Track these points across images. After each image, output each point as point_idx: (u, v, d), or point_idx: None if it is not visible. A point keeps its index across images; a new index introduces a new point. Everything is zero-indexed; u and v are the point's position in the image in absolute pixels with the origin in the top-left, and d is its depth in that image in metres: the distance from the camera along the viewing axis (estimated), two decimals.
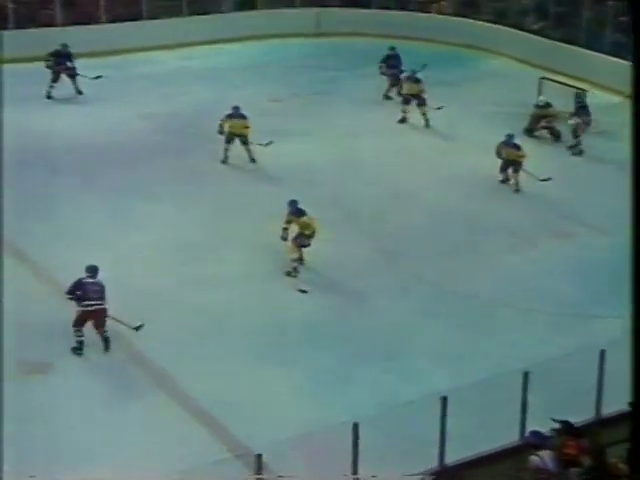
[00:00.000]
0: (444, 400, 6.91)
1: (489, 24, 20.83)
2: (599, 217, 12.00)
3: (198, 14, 20.53)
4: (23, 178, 12.57)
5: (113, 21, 19.05)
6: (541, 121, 15.08)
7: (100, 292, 8.98)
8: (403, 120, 15.48)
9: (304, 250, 10.65)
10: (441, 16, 21.80)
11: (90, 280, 9.01)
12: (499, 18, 21.03)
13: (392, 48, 16.94)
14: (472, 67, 19.18)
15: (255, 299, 10.04)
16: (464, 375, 8.38)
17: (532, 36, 19.78)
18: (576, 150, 14.55)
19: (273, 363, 8.77)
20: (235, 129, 13.78)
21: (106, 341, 9.07)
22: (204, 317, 9.61)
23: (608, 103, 16.91)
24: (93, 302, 8.91)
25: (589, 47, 18.54)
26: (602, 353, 7.44)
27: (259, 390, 8.35)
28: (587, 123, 14.80)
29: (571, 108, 15.26)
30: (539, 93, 16.00)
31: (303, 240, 10.60)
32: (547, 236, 11.63)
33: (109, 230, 11.44)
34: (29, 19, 18.60)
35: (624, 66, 18.29)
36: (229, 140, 13.84)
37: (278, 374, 8.61)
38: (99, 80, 17.05)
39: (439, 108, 15.10)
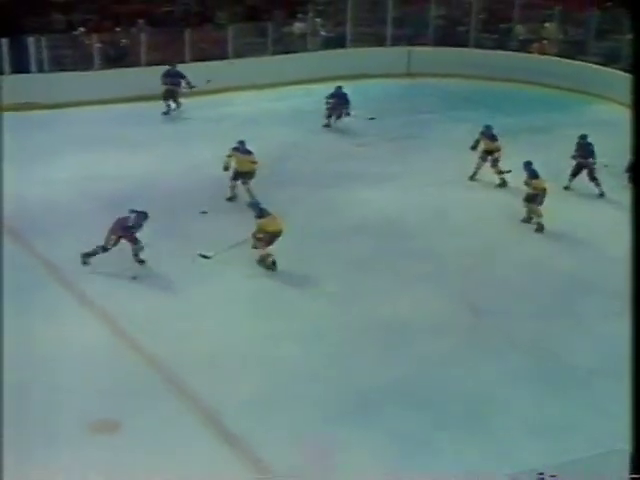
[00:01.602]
0: (541, 477, 6.80)
1: (597, 66, 20.74)
2: None
3: (284, 53, 21.27)
4: (94, 221, 12.97)
5: (198, 60, 19.89)
6: None
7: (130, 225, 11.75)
8: (473, 176, 15.39)
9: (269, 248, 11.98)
10: (543, 57, 21.85)
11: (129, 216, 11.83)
12: (608, 60, 20.91)
13: (339, 87, 17.76)
14: (576, 113, 19.03)
15: (329, 356, 10.14)
16: (558, 450, 8.23)
17: None
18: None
19: (348, 426, 8.79)
20: (242, 166, 14.05)
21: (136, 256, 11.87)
22: (276, 374, 9.76)
23: None
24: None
25: None
26: None
27: (334, 455, 8.34)
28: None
29: None
30: None
31: (255, 242, 12.02)
32: None
33: (182, 278, 11.76)
34: (115, 59, 19.66)
35: None
36: (235, 177, 14.15)
37: (354, 438, 8.62)
38: (179, 122, 17.91)
39: (507, 172, 15.03)
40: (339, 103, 17.71)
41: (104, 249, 11.77)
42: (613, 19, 20.85)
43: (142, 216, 11.99)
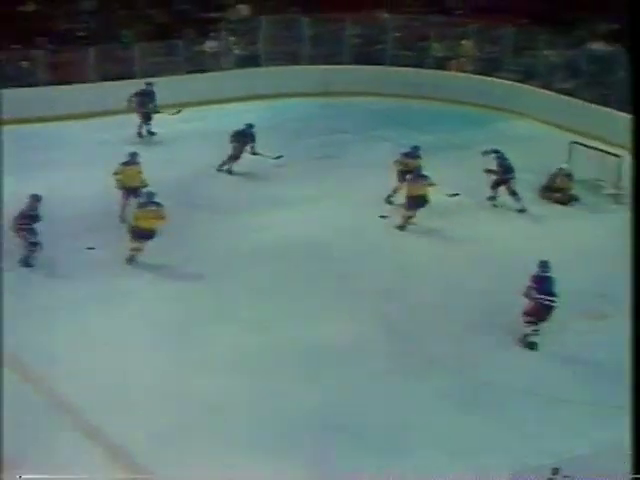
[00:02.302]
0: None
1: (513, 83, 21.37)
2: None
3: (196, 72, 21.18)
4: None
5: (103, 80, 19.62)
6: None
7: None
8: (390, 197, 15.34)
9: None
10: (461, 74, 22.38)
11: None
12: (524, 77, 21.59)
13: (249, 125, 16.85)
14: (493, 130, 19.48)
15: (244, 384, 10.08)
16: (483, 471, 8.38)
17: (562, 96, 20.25)
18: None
19: (268, 456, 8.76)
20: (127, 180, 13.91)
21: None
22: (188, 405, 9.64)
23: None
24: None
25: (625, 109, 18.92)
26: None
27: None
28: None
29: (606, 175, 15.78)
30: (569, 159, 16.33)
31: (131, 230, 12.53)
32: (578, 317, 11.65)
33: (85, 306, 11.56)
34: (10, 78, 19.12)
35: None
36: (126, 194, 13.95)
37: (275, 468, 8.58)
38: (84, 144, 17.62)
39: (454, 195, 15.20)
40: (245, 142, 16.78)
41: (32, 244, 12.32)
42: (528, 36, 21.60)
43: (34, 199, 12.49)
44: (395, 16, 23.06)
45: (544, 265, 10.90)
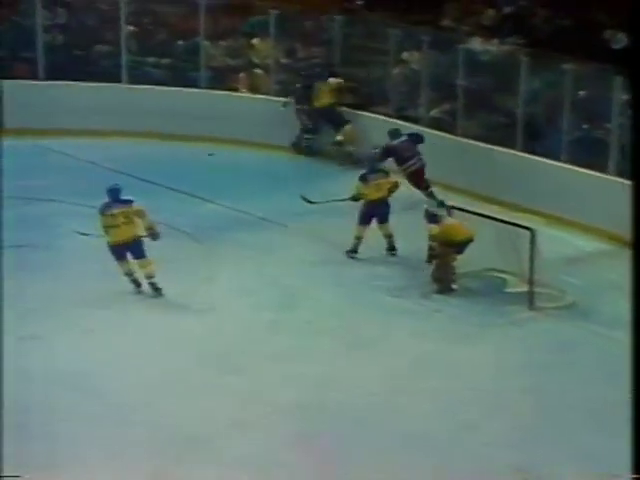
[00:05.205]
0: None
1: (355, 111, 22.49)
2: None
3: None
4: None
5: None
6: None
7: None
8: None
9: None
10: (257, 96, 23.48)
11: None
12: (365, 100, 22.82)
13: None
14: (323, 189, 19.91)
15: None
16: None
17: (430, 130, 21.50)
18: None
19: None
20: None
21: None
22: None
23: None
24: None
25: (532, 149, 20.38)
26: None
27: None
28: None
29: (509, 262, 16.75)
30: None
31: None
32: None
33: None
34: None
35: None
36: None
37: None
38: None
39: None
40: None
41: None
42: (370, 27, 22.92)
43: None
44: None
45: None
